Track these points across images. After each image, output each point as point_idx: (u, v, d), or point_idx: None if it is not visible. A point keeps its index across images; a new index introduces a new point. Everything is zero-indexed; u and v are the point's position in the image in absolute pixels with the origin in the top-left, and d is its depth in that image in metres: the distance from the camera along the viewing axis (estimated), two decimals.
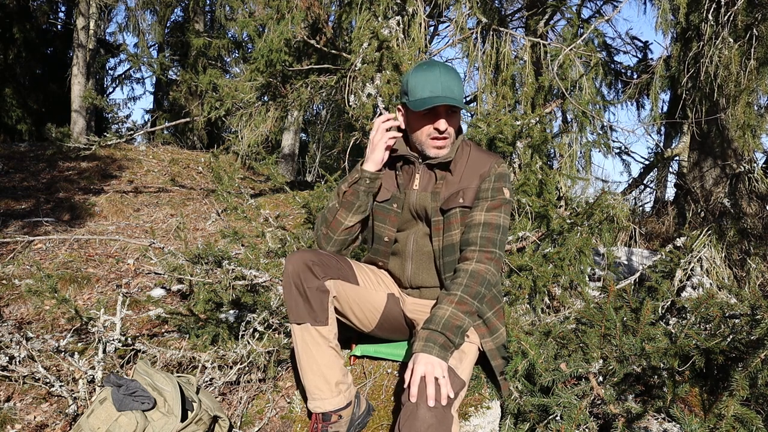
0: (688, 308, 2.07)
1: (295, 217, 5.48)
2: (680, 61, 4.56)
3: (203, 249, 2.82)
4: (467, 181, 1.67)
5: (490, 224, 1.63)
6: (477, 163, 1.69)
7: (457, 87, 1.61)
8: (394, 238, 1.76)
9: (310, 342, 1.59)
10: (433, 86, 1.58)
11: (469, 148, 1.74)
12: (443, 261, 1.70)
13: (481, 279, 1.56)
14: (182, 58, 11.56)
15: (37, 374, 2.30)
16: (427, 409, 1.32)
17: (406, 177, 1.74)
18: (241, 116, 5.39)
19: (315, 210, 3.36)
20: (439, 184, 1.69)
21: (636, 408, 1.63)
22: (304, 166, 14.79)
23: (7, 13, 10.07)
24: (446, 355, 1.43)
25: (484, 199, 1.65)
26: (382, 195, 1.74)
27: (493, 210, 1.64)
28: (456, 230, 1.67)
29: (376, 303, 1.72)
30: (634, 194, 6.27)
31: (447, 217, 1.67)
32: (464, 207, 1.65)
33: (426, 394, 1.34)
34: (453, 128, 1.65)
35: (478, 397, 1.71)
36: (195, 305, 2.68)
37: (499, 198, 1.65)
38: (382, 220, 1.75)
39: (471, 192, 1.66)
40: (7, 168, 6.44)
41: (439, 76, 1.59)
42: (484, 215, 1.64)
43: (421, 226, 1.73)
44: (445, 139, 1.63)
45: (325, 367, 1.59)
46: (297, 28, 4.49)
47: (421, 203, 1.70)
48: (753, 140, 4.46)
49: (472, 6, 4.48)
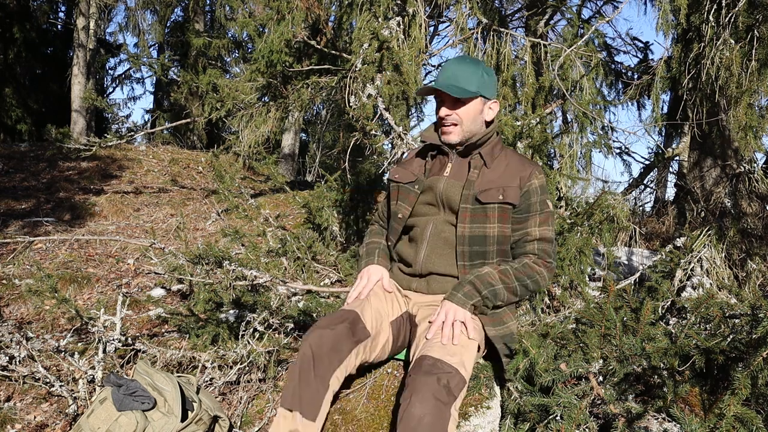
0: (688, 308, 2.07)
1: (295, 216, 5.48)
2: (681, 62, 4.56)
3: (203, 249, 2.82)
4: (507, 180, 1.74)
5: (545, 239, 1.74)
6: (517, 166, 1.76)
7: (466, 77, 1.69)
8: (412, 223, 1.81)
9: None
10: (440, 76, 1.71)
11: (509, 152, 1.82)
12: (468, 249, 1.72)
13: (532, 272, 1.68)
14: (182, 58, 11.56)
15: (37, 374, 2.30)
16: (423, 405, 1.34)
17: (438, 165, 1.82)
18: (242, 117, 5.38)
19: (315, 210, 3.36)
20: (474, 173, 1.75)
21: (636, 408, 1.63)
22: (304, 166, 14.80)
23: (7, 13, 10.07)
24: (467, 302, 1.57)
25: (534, 212, 1.74)
26: (406, 177, 1.84)
27: (544, 224, 1.75)
28: (493, 224, 1.72)
29: (384, 340, 1.72)
30: (635, 194, 6.27)
31: (483, 209, 1.71)
32: (504, 204, 1.71)
33: (430, 384, 1.37)
34: (462, 115, 1.71)
35: (478, 397, 1.71)
36: (195, 305, 2.68)
37: (546, 211, 1.76)
38: (403, 198, 1.83)
39: (512, 191, 1.72)
40: (7, 168, 6.44)
41: (450, 66, 1.71)
42: (538, 230, 1.74)
43: (444, 214, 1.77)
44: (451, 125, 1.72)
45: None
46: (297, 28, 4.49)
47: (451, 190, 1.75)
48: (754, 141, 4.46)
49: (473, 6, 4.48)
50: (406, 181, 1.82)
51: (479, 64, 1.73)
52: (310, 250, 3.12)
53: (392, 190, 1.89)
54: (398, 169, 1.90)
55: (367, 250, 1.88)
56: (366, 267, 1.81)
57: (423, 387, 1.38)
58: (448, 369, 1.44)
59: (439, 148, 1.81)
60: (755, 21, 3.98)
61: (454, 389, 1.41)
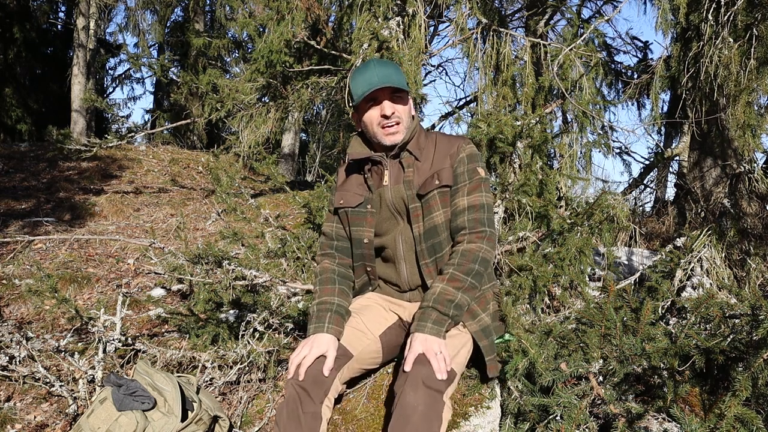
0: (688, 308, 2.07)
1: (295, 217, 5.48)
2: (680, 61, 4.56)
3: (203, 249, 2.82)
4: (439, 163, 1.71)
5: (474, 206, 1.67)
6: (445, 146, 1.73)
7: (396, 74, 1.66)
8: (381, 243, 1.75)
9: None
10: (369, 79, 1.64)
11: (434, 136, 1.78)
12: (425, 246, 1.70)
13: (473, 256, 1.60)
14: (182, 58, 11.56)
15: (37, 374, 2.30)
16: (416, 394, 1.36)
17: (377, 177, 1.75)
18: (242, 117, 5.39)
19: (315, 210, 3.36)
20: (409, 172, 1.71)
21: (636, 408, 1.63)
22: (304, 165, 14.80)
23: (7, 13, 10.07)
24: (440, 330, 1.50)
25: (462, 183, 1.69)
26: (354, 200, 1.75)
27: (474, 192, 1.68)
28: (437, 212, 1.69)
29: (373, 352, 1.71)
30: (634, 194, 6.26)
31: (426, 201, 1.69)
32: (442, 187, 1.68)
33: (422, 373, 1.38)
34: (401, 112, 1.68)
35: (478, 397, 1.71)
36: (195, 305, 2.68)
37: (476, 179, 1.69)
38: (359, 224, 1.75)
39: (446, 172, 1.69)
40: (7, 168, 6.44)
41: (374, 69, 1.65)
42: (466, 199, 1.67)
43: (403, 224, 1.73)
44: (395, 124, 1.67)
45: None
46: (297, 28, 4.49)
47: (397, 196, 1.71)
48: (753, 140, 4.45)
49: (472, 6, 4.48)
50: (355, 204, 1.74)
51: (395, 63, 1.72)
52: (310, 250, 3.12)
53: (342, 217, 1.79)
54: (339, 194, 1.80)
55: (318, 312, 1.66)
56: (313, 335, 1.59)
57: (415, 375, 1.40)
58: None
59: (371, 159, 1.73)
60: (754, 20, 3.98)
61: (446, 377, 1.43)
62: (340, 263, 1.82)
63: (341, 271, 1.81)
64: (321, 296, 1.73)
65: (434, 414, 1.37)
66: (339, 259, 1.82)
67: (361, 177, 1.77)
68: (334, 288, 1.75)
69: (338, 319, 1.66)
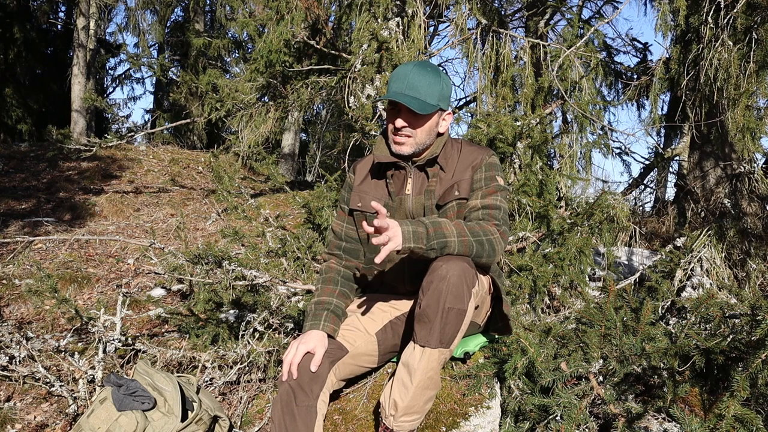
0: (688, 308, 2.08)
1: (295, 216, 5.48)
2: (680, 63, 4.56)
3: (203, 249, 2.82)
4: (460, 174, 1.68)
5: (488, 205, 1.63)
6: (468, 157, 1.70)
7: (426, 86, 1.58)
8: None
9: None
10: (398, 83, 1.59)
11: (459, 144, 1.74)
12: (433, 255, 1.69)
13: (484, 230, 1.54)
14: (182, 58, 11.56)
15: (37, 374, 2.30)
16: (449, 265, 1.42)
17: (398, 183, 1.72)
18: (242, 117, 5.39)
19: (315, 210, 3.36)
20: (433, 182, 1.69)
21: (636, 408, 1.63)
22: (304, 165, 14.79)
23: (7, 13, 10.07)
24: (409, 241, 1.41)
25: (479, 188, 1.66)
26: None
27: (489, 195, 1.65)
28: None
29: (369, 349, 1.70)
30: (635, 194, 6.28)
31: (443, 212, 1.67)
32: (460, 199, 1.66)
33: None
34: (416, 129, 1.62)
35: (478, 397, 1.71)
36: (195, 305, 2.68)
37: (494, 185, 1.66)
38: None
39: (465, 183, 1.66)
40: (7, 168, 6.44)
41: (407, 76, 1.59)
42: (480, 201, 1.64)
43: None
44: (405, 137, 1.62)
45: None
46: (297, 28, 4.49)
47: (417, 206, 1.69)
48: (752, 143, 4.45)
49: (472, 7, 4.48)
50: (373, 210, 1.66)
51: (439, 73, 1.62)
52: (310, 250, 3.12)
53: (357, 219, 1.76)
54: (356, 195, 1.75)
55: (315, 310, 1.66)
56: (307, 332, 1.59)
57: (450, 259, 1.43)
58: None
59: (396, 165, 1.70)
60: (754, 23, 3.98)
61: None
62: (347, 265, 1.81)
63: (345, 272, 1.81)
64: (320, 295, 1.72)
65: (470, 278, 1.42)
66: (346, 260, 1.81)
67: (382, 182, 1.73)
68: (335, 289, 1.74)
69: (334, 318, 1.65)
